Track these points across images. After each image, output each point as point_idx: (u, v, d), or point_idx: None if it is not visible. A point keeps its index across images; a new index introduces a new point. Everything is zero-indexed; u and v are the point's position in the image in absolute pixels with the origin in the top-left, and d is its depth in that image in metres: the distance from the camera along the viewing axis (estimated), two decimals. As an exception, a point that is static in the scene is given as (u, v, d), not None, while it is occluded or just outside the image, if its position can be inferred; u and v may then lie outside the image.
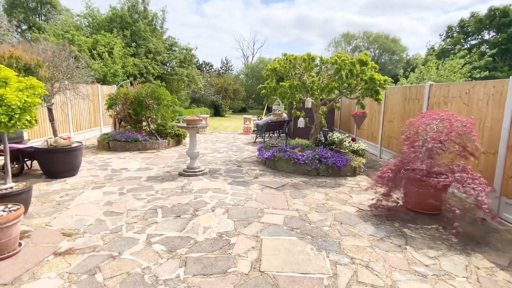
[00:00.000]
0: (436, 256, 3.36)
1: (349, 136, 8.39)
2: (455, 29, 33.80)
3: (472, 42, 31.55)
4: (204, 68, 39.97)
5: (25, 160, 6.41)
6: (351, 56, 6.75)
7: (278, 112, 13.25)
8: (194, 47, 22.96)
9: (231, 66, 45.41)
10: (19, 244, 3.32)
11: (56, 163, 5.99)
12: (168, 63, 21.53)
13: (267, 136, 12.88)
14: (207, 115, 17.79)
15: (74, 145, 6.20)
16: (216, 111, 28.94)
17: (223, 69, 44.22)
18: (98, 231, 3.76)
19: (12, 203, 3.44)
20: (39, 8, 27.98)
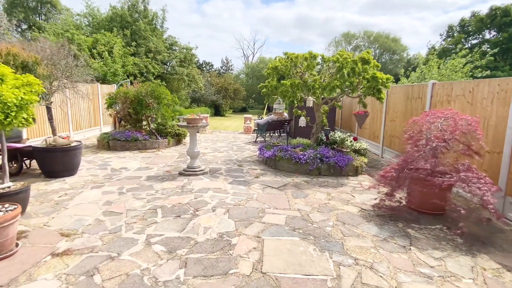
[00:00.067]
0: (441, 257, 3.30)
1: (351, 136, 8.32)
2: (456, 29, 33.73)
3: (473, 42, 31.47)
4: (205, 68, 39.90)
5: (24, 160, 6.35)
6: (353, 55, 6.68)
7: (279, 111, 13.17)
8: (195, 47, 22.91)
9: (232, 66, 45.35)
10: (16, 245, 3.25)
11: (55, 163, 5.93)
12: (168, 63, 21.46)
13: (268, 136, 12.81)
14: (208, 115, 17.72)
15: (73, 144, 6.14)
16: (217, 111, 28.88)
17: (223, 69, 44.14)
18: (97, 231, 3.69)
19: (9, 203, 3.38)
20: (39, 8, 27.93)
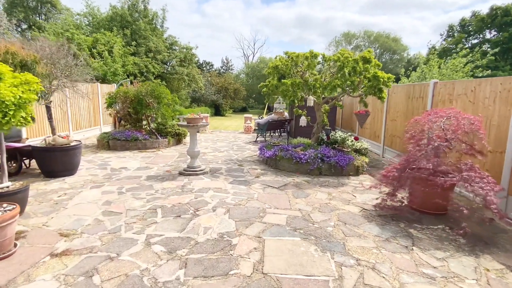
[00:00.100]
0: (444, 258, 3.26)
1: (351, 135, 8.28)
2: (456, 29, 33.68)
3: (474, 41, 31.43)
4: (205, 68, 39.86)
5: (23, 159, 6.32)
6: (354, 54, 6.64)
7: (280, 111, 13.14)
8: (195, 46, 22.90)
9: (232, 66, 45.31)
10: (15, 245, 3.22)
11: (55, 162, 5.89)
12: (169, 62, 21.43)
13: (268, 135, 12.78)
14: (208, 115, 17.68)
15: (73, 144, 6.11)
16: (217, 111, 28.85)
17: (224, 69, 44.10)
18: (96, 232, 3.66)
19: (8, 203, 3.35)
20: (39, 8, 27.88)
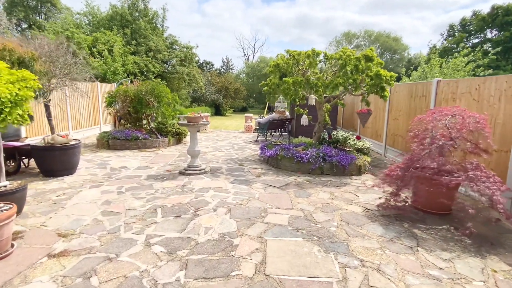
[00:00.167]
0: (450, 259, 3.19)
1: (353, 135, 8.21)
2: (457, 28, 33.58)
3: (474, 41, 31.33)
4: (205, 68, 39.79)
5: (22, 158, 6.26)
6: (356, 52, 6.57)
7: (281, 110, 13.05)
8: (195, 46, 22.82)
9: (232, 65, 45.22)
10: (12, 246, 3.15)
11: (54, 161, 5.83)
12: (169, 62, 21.35)
13: (269, 135, 12.72)
14: (208, 114, 17.62)
15: (72, 143, 6.04)
16: (217, 110, 28.78)
17: (224, 68, 44.03)
18: (95, 232, 3.59)
19: (5, 202, 3.28)
20: (39, 7, 27.84)
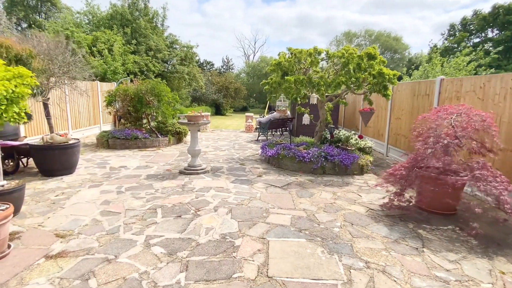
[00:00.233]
0: (457, 260, 3.12)
1: (355, 134, 8.14)
2: (457, 28, 33.48)
3: (475, 40, 31.23)
4: (205, 67, 39.73)
5: (21, 158, 6.19)
6: (358, 50, 6.49)
7: (283, 109, 12.97)
8: (195, 45, 22.73)
9: (232, 65, 45.20)
10: (8, 246, 3.08)
11: (52, 161, 5.76)
12: (169, 61, 21.27)
13: (270, 134, 12.64)
14: (209, 114, 17.55)
15: (71, 142, 5.97)
16: (217, 110, 28.72)
17: (224, 68, 43.98)
18: (94, 232, 3.52)
19: (1, 202, 3.21)
20: (39, 6, 27.80)
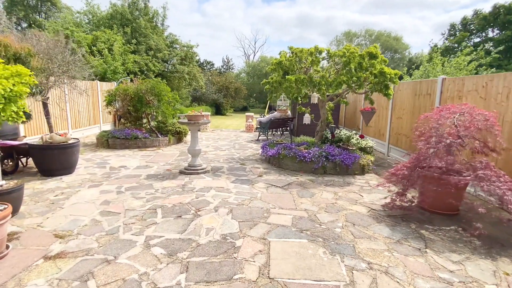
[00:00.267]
0: (460, 261, 3.08)
1: (356, 134, 8.10)
2: (458, 27, 33.42)
3: (476, 40, 31.17)
4: (205, 67, 39.69)
5: (20, 158, 6.16)
6: (360, 49, 6.45)
7: (284, 108, 12.93)
8: (195, 45, 22.69)
9: (232, 65, 45.16)
10: (7, 247, 3.05)
11: (52, 161, 5.72)
12: (169, 61, 21.23)
13: (270, 134, 12.61)
14: (209, 113, 17.51)
15: (71, 142, 5.94)
16: (218, 110, 28.68)
17: (224, 68, 43.93)
18: (93, 233, 3.49)
19: (0, 202, 3.18)
20: (39, 6, 27.76)
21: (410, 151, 5.71)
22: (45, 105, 5.96)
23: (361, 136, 7.60)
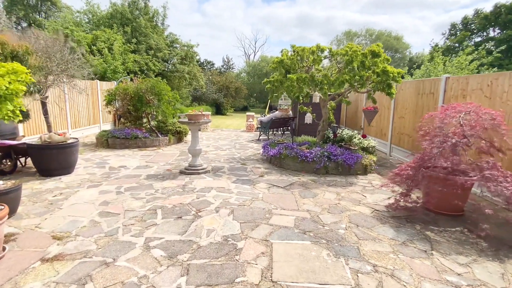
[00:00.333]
0: (467, 263, 3.01)
1: (358, 133, 8.02)
2: (458, 27, 33.31)
3: (477, 40, 31.06)
4: (206, 67, 39.62)
5: (18, 157, 6.08)
6: (362, 48, 6.38)
7: (285, 107, 12.85)
8: (196, 44, 22.62)
9: (233, 65, 45.10)
10: (3, 249, 2.98)
11: (51, 160, 5.65)
12: (169, 60, 21.17)
13: (271, 134, 12.53)
14: (209, 113, 17.44)
15: (70, 141, 5.86)
16: (218, 110, 28.61)
17: (225, 68, 43.85)
18: (92, 234, 3.42)
19: (-4, 203, 3.11)
20: (39, 5, 27.71)
21: (413, 151, 5.64)
22: (44, 104, 5.89)
23: (363, 136, 7.52)
